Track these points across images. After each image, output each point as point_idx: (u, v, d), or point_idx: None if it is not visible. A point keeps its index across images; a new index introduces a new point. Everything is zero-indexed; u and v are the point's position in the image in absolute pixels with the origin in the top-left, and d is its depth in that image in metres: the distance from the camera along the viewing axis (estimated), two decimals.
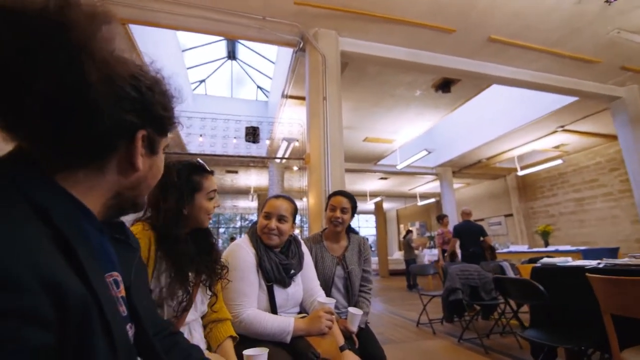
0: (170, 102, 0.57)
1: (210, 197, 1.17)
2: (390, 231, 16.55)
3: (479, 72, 4.24)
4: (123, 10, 3.39)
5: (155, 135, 0.55)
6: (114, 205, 0.55)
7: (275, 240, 1.44)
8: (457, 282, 3.54)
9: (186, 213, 1.10)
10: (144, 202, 0.61)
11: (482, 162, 8.36)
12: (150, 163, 0.56)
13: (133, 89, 0.49)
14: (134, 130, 0.50)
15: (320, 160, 3.30)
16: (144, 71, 0.53)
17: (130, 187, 0.55)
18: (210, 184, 1.17)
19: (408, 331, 3.96)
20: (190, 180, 1.12)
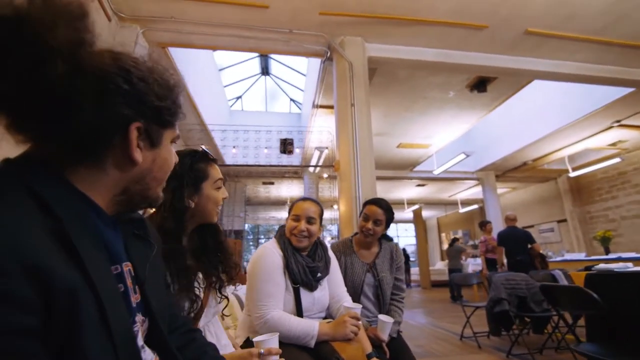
0: (169, 91, 0.56)
1: (218, 186, 1.08)
2: (431, 240, 15.92)
3: (516, 68, 4.00)
4: (162, 35, 3.64)
5: (153, 127, 0.55)
6: (123, 201, 0.56)
7: (304, 242, 1.43)
8: (502, 292, 3.29)
9: (193, 206, 1.01)
10: (156, 195, 0.61)
11: (527, 164, 7.81)
12: (153, 156, 0.56)
13: (123, 81, 0.49)
14: (126, 123, 0.50)
15: (350, 166, 3.27)
16: (137, 63, 0.53)
17: (136, 181, 0.55)
18: (217, 173, 1.09)
19: (451, 345, 3.73)
20: (194, 169, 1.04)
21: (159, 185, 0.61)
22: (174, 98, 0.57)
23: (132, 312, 0.53)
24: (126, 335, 0.47)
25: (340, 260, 1.82)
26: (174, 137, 0.62)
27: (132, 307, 0.53)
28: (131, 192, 0.56)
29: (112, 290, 0.47)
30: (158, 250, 0.69)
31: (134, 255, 0.60)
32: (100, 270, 0.45)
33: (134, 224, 0.65)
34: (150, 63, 0.56)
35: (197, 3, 3.25)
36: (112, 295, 0.46)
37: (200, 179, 1.04)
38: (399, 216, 14.92)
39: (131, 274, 0.58)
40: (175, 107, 0.58)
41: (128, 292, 0.53)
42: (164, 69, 0.59)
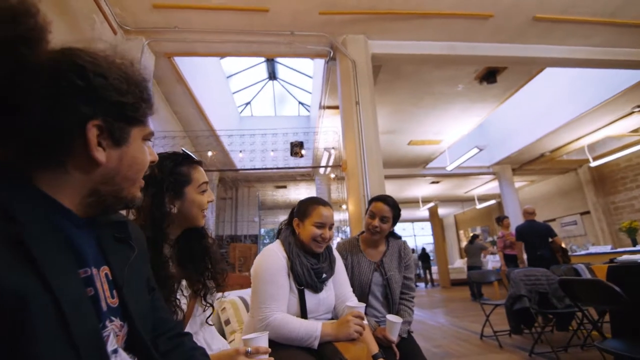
0: (132, 86, 0.54)
1: (203, 189, 1.05)
2: (449, 238, 15.62)
3: (526, 57, 3.88)
4: (167, 45, 3.71)
5: (116, 124, 0.52)
6: (95, 203, 0.54)
7: (324, 248, 1.42)
8: (522, 289, 3.17)
9: (176, 211, 0.98)
10: (132, 195, 0.59)
11: (545, 155, 7.55)
12: (120, 154, 0.54)
13: (78, 77, 0.47)
14: (82, 121, 0.48)
15: (357, 165, 3.23)
16: (95, 58, 0.51)
17: (104, 182, 0.53)
18: (201, 176, 1.05)
19: (471, 344, 3.62)
20: (175, 172, 1.00)
21: (133, 185, 0.59)
22: (139, 93, 0.55)
23: (102, 316, 0.51)
24: (92, 341, 0.45)
25: (346, 259, 1.78)
26: (146, 134, 0.60)
27: (102, 311, 0.52)
28: (101, 193, 0.54)
29: (76, 294, 0.45)
30: (140, 253, 0.67)
31: (112, 259, 0.59)
32: (62, 274, 0.44)
33: (115, 226, 0.63)
34: (114, 58, 0.54)
35: (199, 12, 3.29)
36: (75, 299, 0.44)
37: (182, 183, 1.01)
38: (414, 215, 14.82)
39: (108, 278, 0.57)
40: (140, 102, 0.56)
41: (98, 296, 0.52)
42: (130, 63, 0.57)
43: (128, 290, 0.59)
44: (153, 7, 3.20)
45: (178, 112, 5.37)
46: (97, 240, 0.59)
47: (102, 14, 3.07)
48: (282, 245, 1.40)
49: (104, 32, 3.20)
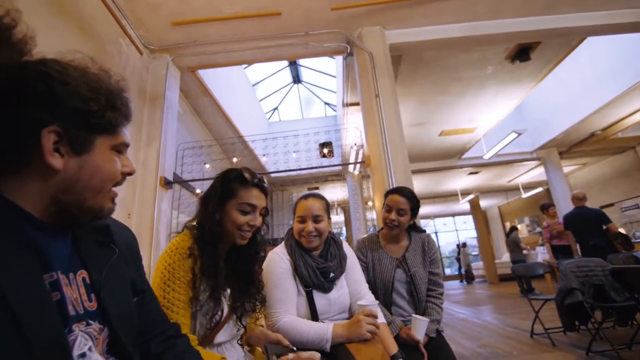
0: (99, 94, 0.54)
1: (243, 210, 1.04)
2: (495, 231, 14.77)
3: (560, 28, 3.53)
4: (190, 60, 3.86)
5: (77, 131, 0.52)
6: (58, 212, 0.54)
7: (315, 241, 1.38)
8: (573, 281, 2.89)
9: (218, 218, 1.02)
10: (99, 206, 0.58)
11: (596, 135, 6.87)
12: (80, 163, 0.53)
13: (42, 84, 0.48)
14: (38, 126, 0.48)
15: (380, 160, 3.13)
16: (65, 67, 0.52)
17: (64, 191, 0.53)
18: (247, 196, 1.04)
19: (520, 343, 3.37)
20: (224, 185, 1.05)
21: (98, 194, 0.57)
22: (106, 101, 0.55)
23: (68, 321, 0.51)
24: (53, 346, 0.45)
25: (367, 257, 1.72)
26: (117, 144, 0.59)
27: (68, 315, 0.52)
28: (62, 202, 0.53)
29: (36, 299, 0.45)
30: (124, 256, 0.68)
31: (90, 262, 0.59)
32: (20, 279, 0.44)
33: (97, 232, 0.64)
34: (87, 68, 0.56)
35: (215, 24, 3.38)
36: (33, 304, 0.44)
37: (226, 196, 1.04)
38: (454, 208, 14.21)
39: (85, 282, 0.57)
40: (106, 111, 0.55)
41: (65, 300, 0.52)
42: (106, 74, 0.58)
43: (107, 293, 0.59)
44: (172, 24, 3.34)
45: (208, 122, 5.57)
46: (76, 245, 0.59)
47: (127, 37, 3.26)
48: (286, 247, 1.38)
49: (131, 53, 3.40)
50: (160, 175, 3.36)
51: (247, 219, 1.04)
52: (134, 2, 3.06)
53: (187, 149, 4.09)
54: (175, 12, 3.22)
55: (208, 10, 3.23)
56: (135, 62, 3.47)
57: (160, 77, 3.68)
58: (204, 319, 0.98)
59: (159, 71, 3.71)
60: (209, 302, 0.98)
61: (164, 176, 3.39)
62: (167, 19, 3.29)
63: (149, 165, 3.39)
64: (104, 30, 3.01)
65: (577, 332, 3.32)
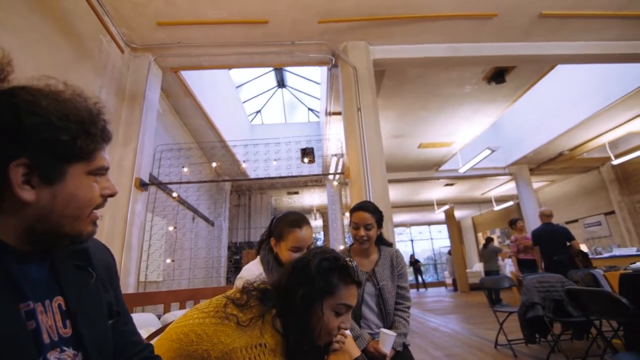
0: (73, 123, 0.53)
1: (339, 311, 0.86)
2: (468, 241, 15.24)
3: (534, 55, 3.75)
4: (173, 61, 3.81)
5: (47, 162, 0.51)
6: (35, 240, 0.54)
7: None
8: (535, 296, 3.05)
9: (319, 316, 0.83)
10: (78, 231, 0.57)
11: (564, 154, 7.27)
12: (52, 192, 0.52)
13: (9, 117, 0.48)
14: (5, 161, 0.48)
15: (360, 172, 3.20)
16: (36, 96, 0.51)
17: (39, 221, 0.52)
18: (347, 296, 0.87)
19: (484, 353, 3.50)
20: (326, 277, 0.85)
21: (76, 221, 0.56)
22: (79, 129, 0.54)
23: (43, 349, 0.52)
24: None
25: None
26: (93, 169, 0.58)
27: (43, 344, 0.52)
28: (38, 231, 0.53)
29: (10, 328, 0.46)
30: (101, 278, 0.68)
31: (67, 288, 0.59)
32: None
33: (76, 255, 0.63)
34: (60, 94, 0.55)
35: (201, 27, 3.37)
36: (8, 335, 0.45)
37: (325, 292, 0.85)
38: (430, 218, 14.54)
39: (61, 308, 0.57)
40: (76, 140, 0.54)
41: (40, 328, 0.52)
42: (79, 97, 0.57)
43: (83, 318, 0.59)
44: (157, 24, 3.30)
45: (188, 123, 5.49)
46: (53, 270, 0.59)
47: (108, 34, 3.19)
48: (262, 263, 1.37)
49: (112, 51, 3.32)
50: (135, 176, 3.29)
51: (340, 321, 0.87)
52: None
53: (165, 150, 4.02)
54: (160, 12, 3.18)
55: (194, 13, 3.21)
56: (115, 60, 3.40)
57: (141, 76, 3.61)
58: None
59: (140, 70, 3.64)
60: None
61: (140, 177, 3.32)
62: (152, 19, 3.24)
63: (124, 165, 3.31)
64: (84, 26, 2.94)
65: (537, 344, 3.49)
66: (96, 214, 0.61)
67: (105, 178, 0.62)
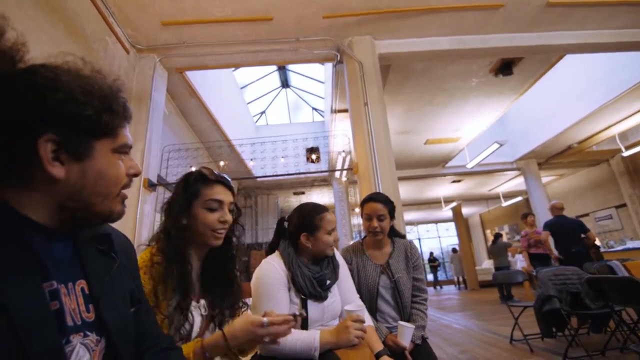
0: (95, 98, 0.53)
1: (210, 207, 1.01)
2: (476, 238, 15.10)
3: (542, 45, 3.69)
4: (178, 61, 3.81)
5: (75, 138, 0.51)
6: (66, 218, 0.54)
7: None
8: (551, 289, 2.99)
9: (185, 223, 0.99)
10: (109, 210, 0.57)
11: (573, 147, 7.17)
12: (82, 169, 0.52)
13: (31, 94, 0.47)
14: (33, 137, 0.47)
15: (368, 167, 3.17)
16: (55, 73, 0.51)
17: (69, 198, 0.52)
18: (211, 192, 1.01)
19: (500, 349, 3.44)
20: (189, 188, 1.02)
21: (106, 199, 0.56)
22: (102, 104, 0.54)
23: (66, 331, 0.50)
24: (50, 356, 0.45)
25: (351, 264, 1.73)
26: (118, 146, 0.58)
27: (66, 325, 0.51)
28: (69, 209, 0.53)
29: (34, 308, 0.45)
30: (124, 265, 0.67)
31: (90, 272, 0.58)
32: (19, 288, 0.44)
33: (99, 239, 0.63)
34: (79, 70, 0.54)
35: (205, 26, 3.36)
36: (32, 313, 0.44)
37: (191, 198, 1.01)
38: (437, 215, 14.44)
39: (84, 292, 0.56)
40: (102, 113, 0.54)
41: (63, 310, 0.51)
42: (100, 75, 0.57)
43: (106, 303, 0.58)
44: (162, 24, 3.30)
45: (194, 124, 5.50)
46: (77, 254, 0.58)
47: (114, 35, 3.19)
48: (281, 257, 1.35)
49: (117, 52, 3.33)
50: (144, 176, 3.29)
51: (217, 216, 1.01)
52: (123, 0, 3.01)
53: (172, 151, 4.03)
54: (165, 12, 3.18)
55: (199, 12, 3.21)
56: (121, 61, 3.41)
57: (147, 77, 3.62)
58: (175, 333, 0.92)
59: (145, 71, 3.65)
60: (176, 313, 0.92)
61: (148, 178, 3.32)
62: (157, 19, 3.24)
63: None
64: (89, 27, 2.94)
65: (554, 339, 3.42)
66: (125, 193, 0.61)
67: (129, 157, 0.62)
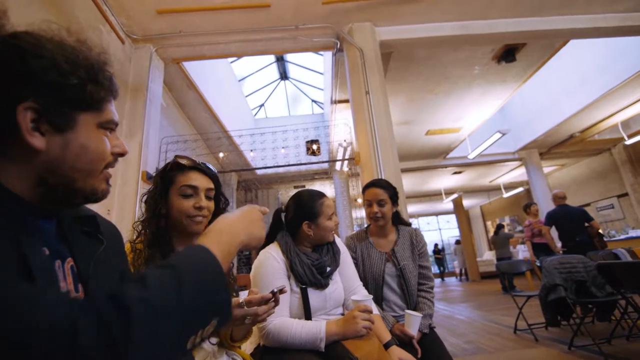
0: (79, 68, 0.50)
1: (184, 193, 1.00)
2: (477, 230, 15.10)
3: (546, 30, 3.61)
4: (175, 51, 3.73)
5: (57, 108, 0.48)
6: (46, 194, 0.51)
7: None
8: (556, 278, 2.95)
9: (164, 211, 1.00)
10: (91, 187, 0.55)
11: (575, 137, 7.11)
12: (63, 141, 0.49)
13: (16, 59, 0.45)
14: (12, 103, 0.45)
15: (370, 157, 3.11)
16: (39, 40, 0.48)
17: (50, 172, 0.49)
18: (185, 178, 1.01)
19: (504, 339, 3.42)
20: (165, 176, 1.03)
21: (90, 176, 0.54)
22: (87, 75, 0.51)
23: None
24: None
25: (356, 252, 1.69)
26: (103, 121, 0.55)
27: None
28: (49, 184, 0.50)
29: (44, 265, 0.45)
30: (111, 247, 0.64)
31: (77, 251, 0.56)
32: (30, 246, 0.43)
33: (84, 221, 0.61)
34: (64, 40, 0.52)
35: (202, 14, 3.28)
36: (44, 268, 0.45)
37: (166, 186, 1.02)
38: (438, 208, 14.42)
39: (73, 270, 0.54)
40: (87, 84, 0.51)
41: None
42: (85, 46, 0.54)
43: (95, 284, 0.56)
44: (157, 13, 3.22)
45: (192, 117, 5.43)
46: (62, 233, 0.56)
47: (108, 24, 3.11)
48: (279, 246, 1.32)
49: (112, 41, 3.25)
50: (142, 169, 3.23)
51: (192, 202, 1.00)
52: None
53: (170, 143, 3.97)
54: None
55: None
56: (116, 52, 3.33)
57: (143, 68, 3.54)
58: None
59: (141, 62, 3.57)
60: None
61: (146, 170, 3.26)
62: (152, 7, 3.16)
63: (130, 159, 3.26)
64: (82, 15, 2.86)
65: (558, 328, 3.40)
66: (109, 172, 0.58)
67: (115, 136, 0.60)
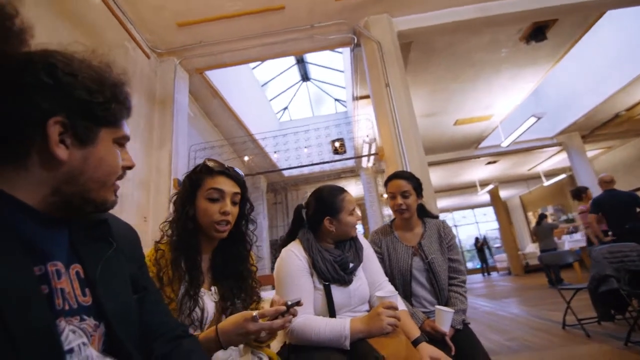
0: (103, 87, 0.54)
1: (211, 197, 1.02)
2: (517, 222, 14.32)
3: (577, 2, 3.35)
4: (197, 61, 3.86)
5: (82, 123, 0.52)
6: (59, 202, 0.53)
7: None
8: (607, 268, 2.72)
9: (192, 213, 1.01)
10: (103, 198, 0.58)
11: (620, 115, 6.53)
12: (85, 154, 0.53)
13: (46, 74, 0.49)
14: (44, 116, 0.48)
15: (394, 151, 3.04)
16: (69, 59, 0.52)
17: (67, 182, 0.52)
18: (212, 182, 1.03)
19: (552, 335, 3.21)
20: (194, 179, 1.05)
21: (103, 187, 0.57)
22: (110, 94, 0.56)
23: (55, 314, 0.49)
24: (39, 335, 0.43)
25: (381, 247, 1.65)
26: (119, 137, 0.60)
27: (55, 309, 0.50)
28: (65, 193, 0.53)
29: (22, 292, 0.44)
30: (122, 251, 0.65)
31: (85, 256, 0.58)
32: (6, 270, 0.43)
33: (94, 226, 0.62)
34: (90, 60, 0.56)
35: (218, 22, 3.36)
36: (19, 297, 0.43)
37: (195, 188, 1.04)
38: (473, 200, 13.89)
39: (79, 276, 0.56)
40: (111, 102, 0.55)
41: (53, 293, 0.50)
42: (107, 66, 0.58)
43: (103, 288, 0.57)
44: (177, 26, 3.34)
45: (218, 124, 5.58)
46: (70, 239, 0.58)
47: (133, 41, 3.27)
48: (301, 244, 1.31)
49: (138, 57, 3.42)
50: (173, 177, 3.36)
51: (217, 207, 1.01)
52: (138, 4, 3.07)
53: (198, 150, 4.10)
54: (178, 12, 3.21)
55: (210, 9, 3.21)
56: (143, 67, 3.49)
57: (169, 80, 3.69)
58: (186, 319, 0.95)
59: (167, 74, 3.72)
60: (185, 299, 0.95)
61: (177, 178, 3.39)
62: (172, 20, 3.29)
63: (162, 168, 3.40)
64: (109, 35, 3.03)
65: (612, 322, 3.13)
66: (118, 184, 0.62)
67: (125, 150, 0.64)
